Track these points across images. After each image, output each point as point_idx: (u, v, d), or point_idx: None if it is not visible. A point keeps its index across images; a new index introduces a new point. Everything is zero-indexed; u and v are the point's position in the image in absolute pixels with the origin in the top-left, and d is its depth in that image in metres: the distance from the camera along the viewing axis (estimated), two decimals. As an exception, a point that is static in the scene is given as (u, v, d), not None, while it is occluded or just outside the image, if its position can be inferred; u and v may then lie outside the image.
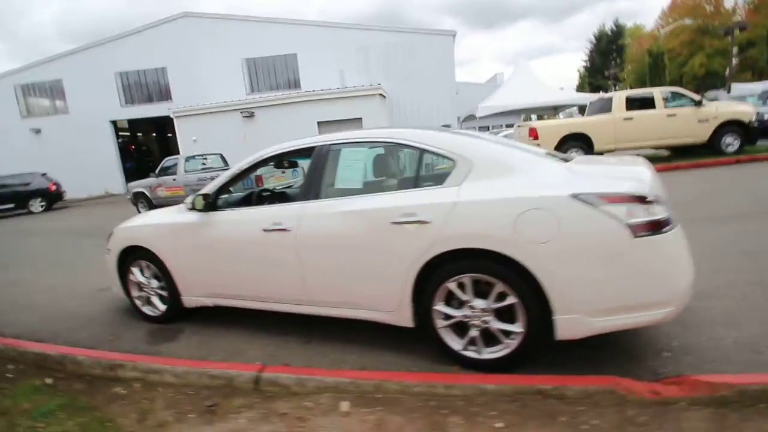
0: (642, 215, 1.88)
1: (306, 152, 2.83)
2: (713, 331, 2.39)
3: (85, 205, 16.79)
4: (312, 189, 2.62)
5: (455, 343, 2.27)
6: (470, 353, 2.23)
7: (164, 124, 22.68)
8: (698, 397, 1.74)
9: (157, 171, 10.57)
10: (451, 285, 2.19)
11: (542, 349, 2.15)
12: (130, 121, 21.33)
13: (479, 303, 2.16)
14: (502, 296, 2.11)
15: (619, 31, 57.23)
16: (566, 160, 2.41)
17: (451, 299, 2.26)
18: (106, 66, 18.97)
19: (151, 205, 10.69)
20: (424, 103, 17.12)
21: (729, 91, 18.07)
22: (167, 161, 10.75)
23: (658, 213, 1.91)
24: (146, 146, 25.46)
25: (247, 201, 3.43)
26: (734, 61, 20.35)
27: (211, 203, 2.93)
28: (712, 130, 9.57)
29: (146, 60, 18.84)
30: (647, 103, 10.07)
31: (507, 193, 2.05)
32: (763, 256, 3.43)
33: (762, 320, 2.44)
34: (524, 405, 1.83)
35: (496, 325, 2.14)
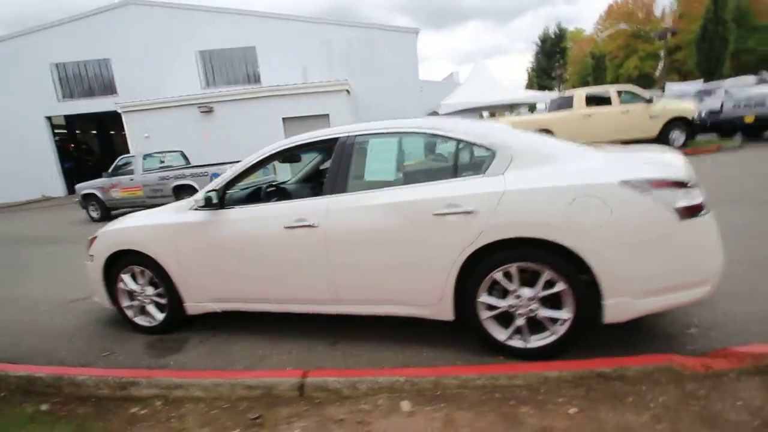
0: (685, 199, 1.96)
1: (326, 144, 2.69)
2: (726, 307, 2.55)
3: (20, 211, 15.08)
4: (338, 182, 2.49)
5: (500, 333, 2.25)
6: (516, 343, 2.22)
7: (106, 121, 20.93)
8: (745, 368, 1.85)
9: (110, 170, 9.68)
10: (497, 275, 2.17)
11: (587, 334, 2.19)
12: (68, 118, 19.43)
13: (526, 292, 2.15)
14: (549, 284, 2.12)
15: (561, 35, 60.69)
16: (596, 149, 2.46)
17: (492, 289, 2.24)
18: (40, 56, 17.11)
19: (104, 207, 9.81)
20: (390, 100, 17.09)
21: (663, 91, 19.73)
22: (121, 159, 9.88)
23: (698, 197, 2.00)
24: (86, 144, 23.32)
25: (253, 198, 3.21)
26: (664, 63, 22.35)
27: (218, 201, 2.70)
28: (661, 126, 10.38)
29: (86, 50, 17.18)
30: (604, 100, 10.74)
31: (556, 181, 2.05)
32: (742, 239, 3.74)
33: (762, 294, 2.65)
34: (589, 389, 1.84)
35: (544, 312, 2.15)
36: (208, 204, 2.65)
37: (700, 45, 23.91)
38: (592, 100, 10.79)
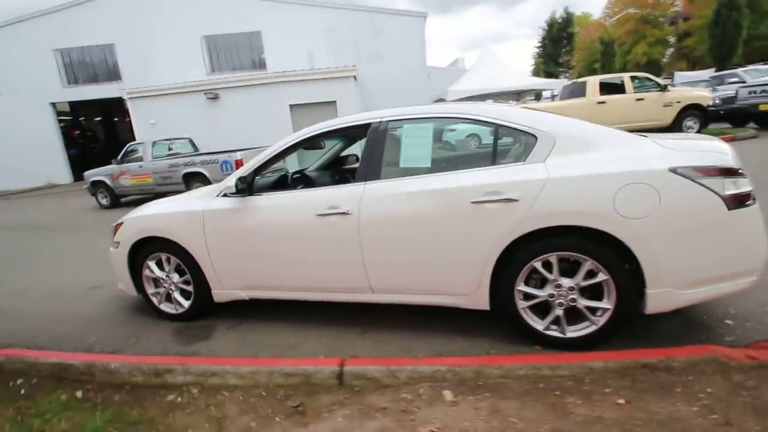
0: (734, 188, 1.91)
1: (358, 130, 2.63)
2: (761, 297, 2.51)
3: (26, 198, 15.10)
4: (372, 169, 2.44)
5: (536, 323, 2.23)
6: (553, 332, 2.20)
7: (110, 107, 20.80)
8: (791, 359, 1.82)
9: (119, 157, 9.63)
10: (537, 264, 2.14)
11: (626, 324, 2.16)
12: (72, 104, 19.29)
13: (566, 281, 2.12)
14: (590, 273, 2.08)
15: (568, 19, 59.64)
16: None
17: (529, 279, 2.21)
18: (44, 42, 16.90)
19: (113, 195, 9.80)
20: (397, 87, 16.86)
21: (672, 79, 19.42)
22: (130, 146, 9.83)
23: (746, 186, 1.94)
24: (91, 131, 23.21)
25: (280, 185, 3.17)
26: (672, 50, 21.92)
27: (248, 187, 2.66)
28: (676, 114, 10.21)
29: (90, 36, 16.95)
30: (618, 87, 10.56)
31: (602, 169, 2.00)
32: None
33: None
34: (635, 380, 1.82)
35: (584, 302, 2.12)
36: (237, 190, 2.61)
37: (713, 30, 23.41)
38: (606, 88, 10.61)
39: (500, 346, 2.31)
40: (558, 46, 59.04)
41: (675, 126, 10.26)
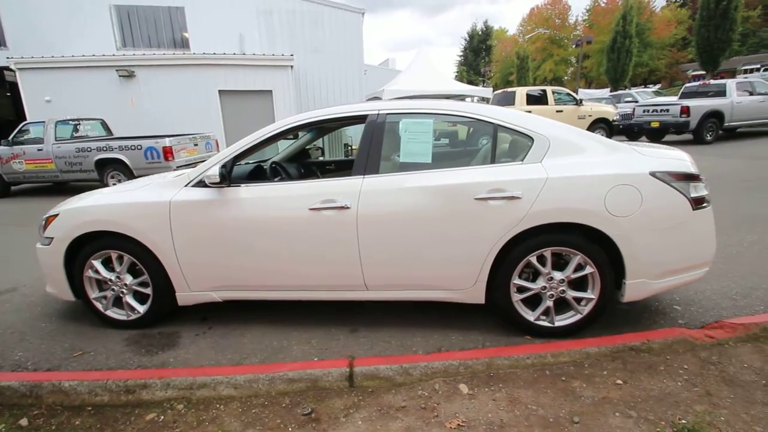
0: (696, 191, 2.21)
1: (353, 121, 2.53)
2: (695, 286, 2.94)
3: None
4: (371, 162, 2.36)
5: (527, 314, 2.35)
6: (543, 322, 2.35)
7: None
8: (739, 336, 2.17)
9: (10, 138, 8.08)
10: (533, 258, 2.25)
11: (604, 312, 2.38)
12: (-67, 70, 15.66)
13: (557, 274, 2.27)
14: (578, 267, 2.25)
15: (488, 32, 64.10)
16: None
17: (521, 272, 2.33)
18: None
19: (2, 182, 8.23)
20: (333, 81, 16.57)
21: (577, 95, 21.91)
22: (25, 125, 8.30)
23: (704, 190, 2.26)
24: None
25: (258, 175, 2.90)
26: (574, 69, 24.78)
27: (225, 177, 2.40)
28: (587, 126, 11.55)
29: (-40, -12, 13.93)
30: (541, 99, 11.62)
31: (594, 170, 2.17)
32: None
33: (721, 274, 3.11)
34: (625, 361, 2.02)
35: (572, 293, 2.29)
36: (221, 180, 2.34)
37: (610, 55, 26.91)
38: (532, 98, 11.60)
39: (493, 337, 2.39)
40: (478, 57, 63.14)
41: (587, 136, 11.57)
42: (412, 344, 2.37)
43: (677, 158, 2.32)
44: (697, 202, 2.20)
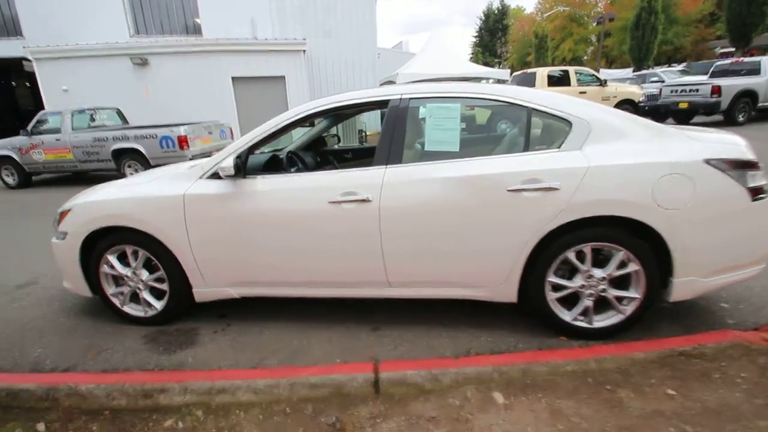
0: (755, 180, 1.99)
1: (374, 106, 2.37)
2: (743, 282, 2.72)
3: None
4: (393, 151, 2.20)
5: (564, 314, 2.19)
6: (581, 323, 2.18)
7: (7, 70, 17.57)
8: (800, 340, 1.96)
9: (29, 128, 8.13)
10: (570, 254, 2.08)
11: (647, 312, 2.20)
12: (-46, 62, 15.92)
13: (598, 272, 2.09)
14: (621, 264, 2.07)
15: (504, 11, 61.99)
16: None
17: (558, 270, 2.16)
18: None
19: (23, 172, 8.33)
20: (346, 65, 16.24)
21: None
22: (43, 115, 8.34)
23: (763, 179, 2.03)
24: (-20, 97, 19.45)
25: (274, 166, 2.78)
26: (594, 48, 23.73)
27: (240, 168, 2.27)
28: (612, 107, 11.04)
29: (-24, -21, 13.99)
30: (563, 80, 11.13)
31: (640, 158, 1.97)
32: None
33: None
34: (674, 368, 1.85)
35: (614, 292, 2.12)
36: (236, 172, 2.21)
37: (634, 32, 25.64)
38: (553, 79, 11.13)
39: (525, 338, 2.24)
40: (494, 37, 61.29)
41: (611, 118, 11.08)
42: (438, 345, 2.24)
43: (733, 143, 2.09)
44: (755, 193, 1.98)
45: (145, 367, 2.19)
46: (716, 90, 10.62)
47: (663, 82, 14.19)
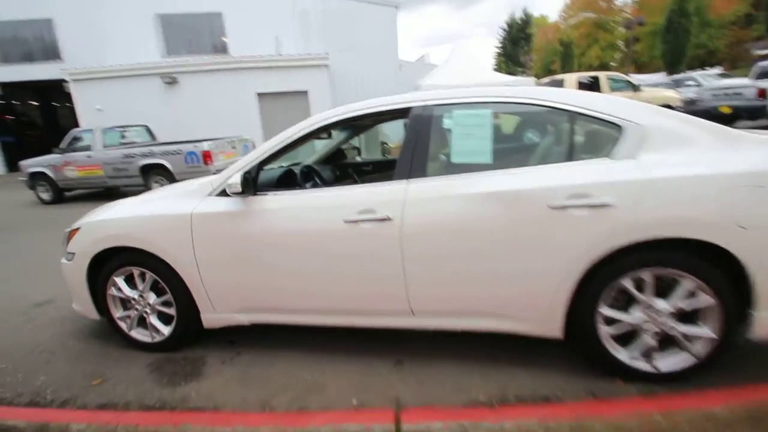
0: None
1: (394, 115, 2.15)
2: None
3: (-54, 191, 13.11)
4: (416, 164, 1.97)
5: (620, 352, 1.86)
6: (640, 364, 1.85)
7: (48, 91, 18.59)
8: None
9: (62, 146, 8.41)
10: (627, 283, 1.77)
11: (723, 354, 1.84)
12: (4, 86, 17.02)
13: (661, 304, 1.77)
14: (689, 294, 1.74)
15: (527, 21, 61.41)
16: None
17: (612, 300, 1.84)
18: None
19: (57, 188, 8.59)
20: (368, 78, 16.29)
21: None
22: (76, 133, 8.62)
23: None
24: (27, 116, 20.69)
25: (287, 182, 2.60)
26: (622, 55, 22.88)
27: (249, 185, 2.09)
28: (648, 114, 10.46)
29: (24, 9, 14.92)
30: (594, 86, 10.66)
31: (711, 169, 1.66)
32: None
33: None
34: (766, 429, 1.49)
35: (682, 329, 1.78)
36: (244, 189, 2.03)
37: (665, 36, 24.70)
38: (584, 86, 10.67)
39: (572, 379, 1.93)
40: (517, 47, 60.69)
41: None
42: (469, 385, 1.95)
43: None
44: None
45: (147, 402, 2.01)
46: (761, 93, 9.88)
47: (700, 86, 13.42)
